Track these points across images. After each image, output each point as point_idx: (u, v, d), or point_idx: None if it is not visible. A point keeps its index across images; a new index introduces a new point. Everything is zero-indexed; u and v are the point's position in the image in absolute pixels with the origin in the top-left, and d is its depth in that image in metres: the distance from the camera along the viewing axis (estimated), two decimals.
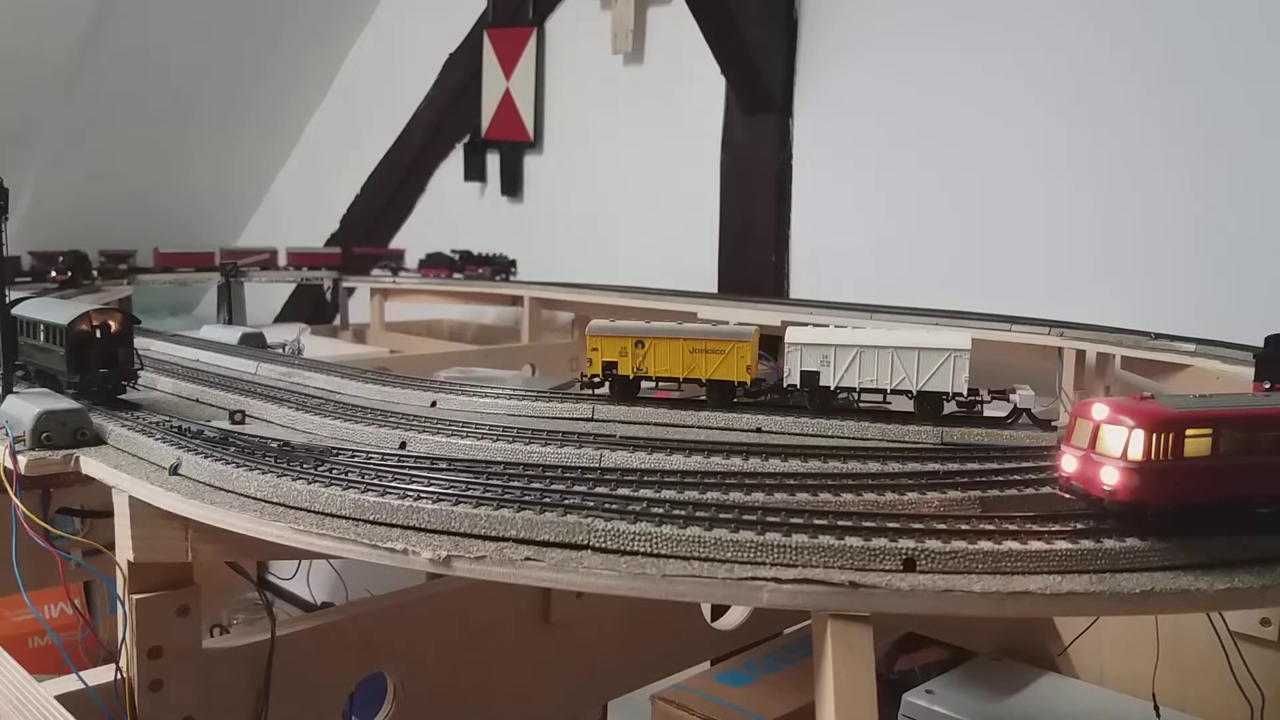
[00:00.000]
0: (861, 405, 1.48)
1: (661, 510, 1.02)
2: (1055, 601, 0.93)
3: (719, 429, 1.47)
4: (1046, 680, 1.74)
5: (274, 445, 1.29)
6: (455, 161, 4.71)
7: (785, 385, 1.49)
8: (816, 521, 1.00)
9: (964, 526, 1.00)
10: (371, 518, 1.08)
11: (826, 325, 2.11)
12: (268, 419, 1.57)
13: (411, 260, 4.17)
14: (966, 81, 2.99)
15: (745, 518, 1.01)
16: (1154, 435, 0.95)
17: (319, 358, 2.28)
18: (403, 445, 1.39)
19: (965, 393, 1.41)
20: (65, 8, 4.08)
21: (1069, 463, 1.02)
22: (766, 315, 2.88)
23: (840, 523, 1.00)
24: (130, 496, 1.26)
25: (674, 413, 1.51)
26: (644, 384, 1.58)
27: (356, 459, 1.23)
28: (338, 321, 4.32)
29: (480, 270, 3.88)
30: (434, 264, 3.95)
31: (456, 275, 3.95)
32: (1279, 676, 1.52)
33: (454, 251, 3.94)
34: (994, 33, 2.94)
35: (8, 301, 1.63)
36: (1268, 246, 2.44)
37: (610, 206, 4.05)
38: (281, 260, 4.17)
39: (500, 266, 3.89)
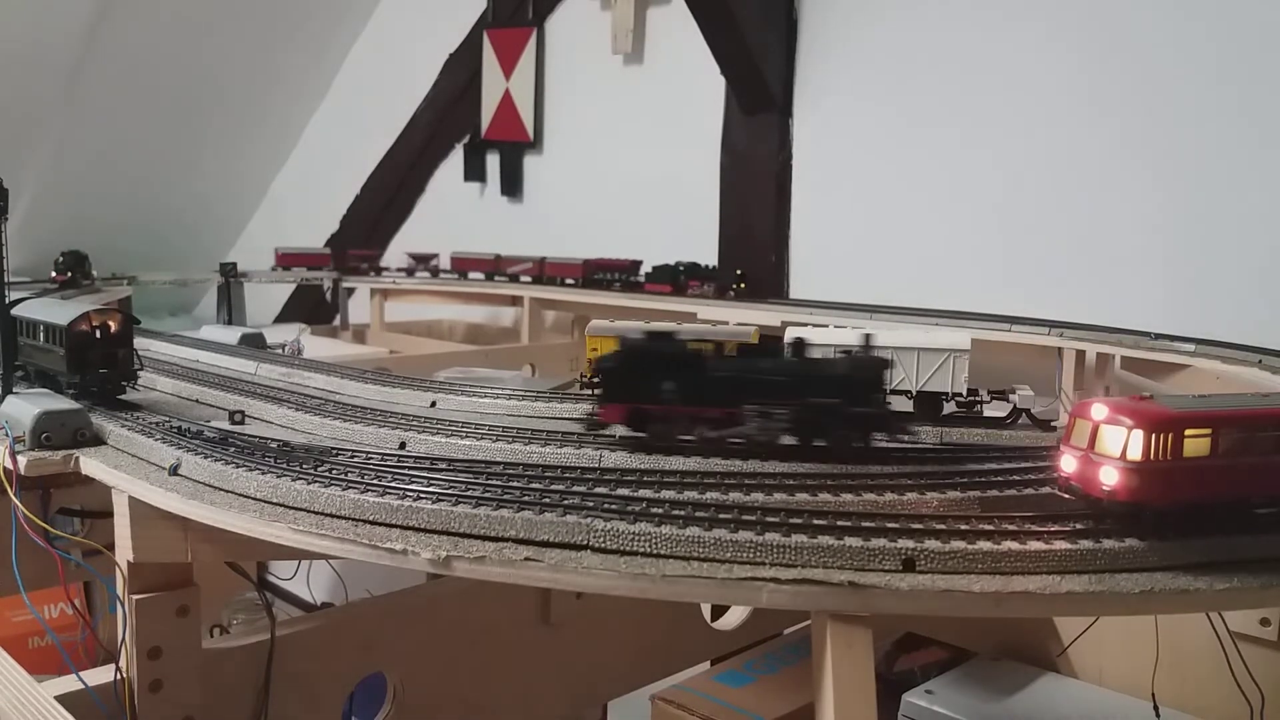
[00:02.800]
0: None
1: (661, 510, 1.02)
2: (1055, 601, 0.93)
3: None
4: (1046, 680, 1.74)
5: (274, 445, 1.29)
6: (455, 161, 4.71)
7: None
8: (816, 521, 1.00)
9: (963, 527, 1.00)
10: (371, 518, 1.08)
11: (826, 325, 2.11)
12: (268, 419, 1.57)
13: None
14: (966, 83, 2.99)
15: (745, 518, 1.01)
16: (1153, 435, 0.94)
17: (319, 358, 2.28)
18: (402, 445, 1.39)
19: (965, 393, 1.41)
20: (66, 7, 4.08)
21: (1068, 463, 1.02)
22: (766, 315, 2.88)
23: (840, 523, 1.00)
24: (130, 497, 1.26)
25: None
26: None
27: (356, 459, 1.23)
28: (338, 322, 4.32)
29: (703, 286, 3.29)
30: (658, 278, 3.40)
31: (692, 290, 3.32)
32: (1279, 676, 1.52)
33: (678, 264, 3.39)
34: (993, 35, 2.94)
35: (8, 301, 1.63)
36: (1266, 246, 2.44)
37: (610, 207, 4.05)
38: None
39: (725, 284, 3.25)
